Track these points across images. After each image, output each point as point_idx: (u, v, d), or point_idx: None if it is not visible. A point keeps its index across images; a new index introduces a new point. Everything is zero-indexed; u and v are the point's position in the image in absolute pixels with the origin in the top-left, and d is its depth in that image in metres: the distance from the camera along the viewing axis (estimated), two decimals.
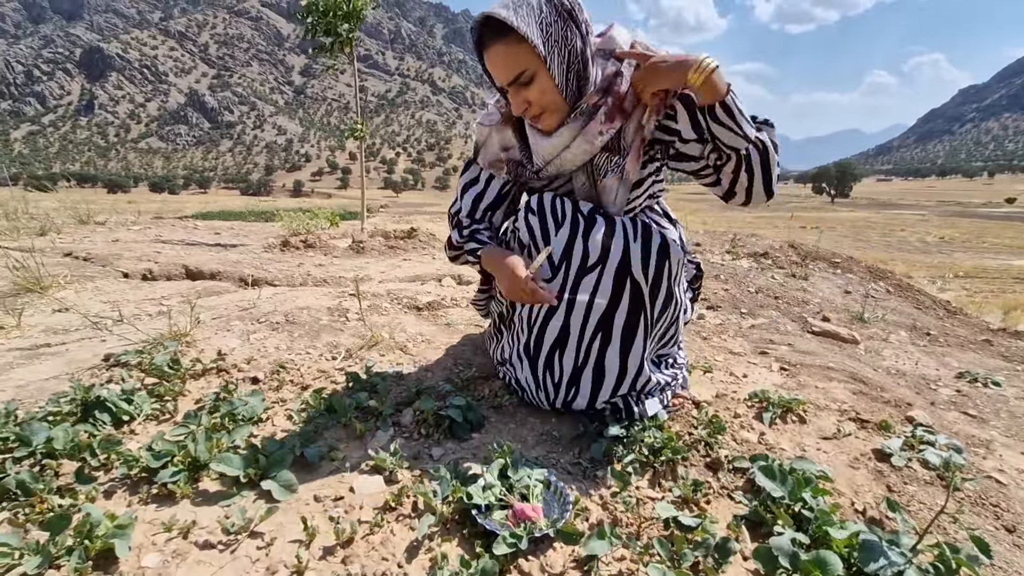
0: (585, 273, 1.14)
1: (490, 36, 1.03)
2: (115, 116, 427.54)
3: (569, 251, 1.14)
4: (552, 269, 1.16)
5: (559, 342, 1.20)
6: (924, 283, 7.85)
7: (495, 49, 1.04)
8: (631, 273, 1.12)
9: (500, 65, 1.05)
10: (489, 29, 1.03)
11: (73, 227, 4.72)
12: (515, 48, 1.02)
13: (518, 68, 1.03)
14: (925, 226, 24.35)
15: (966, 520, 1.07)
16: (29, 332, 1.86)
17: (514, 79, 1.05)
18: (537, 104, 1.08)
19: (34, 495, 0.95)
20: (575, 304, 1.16)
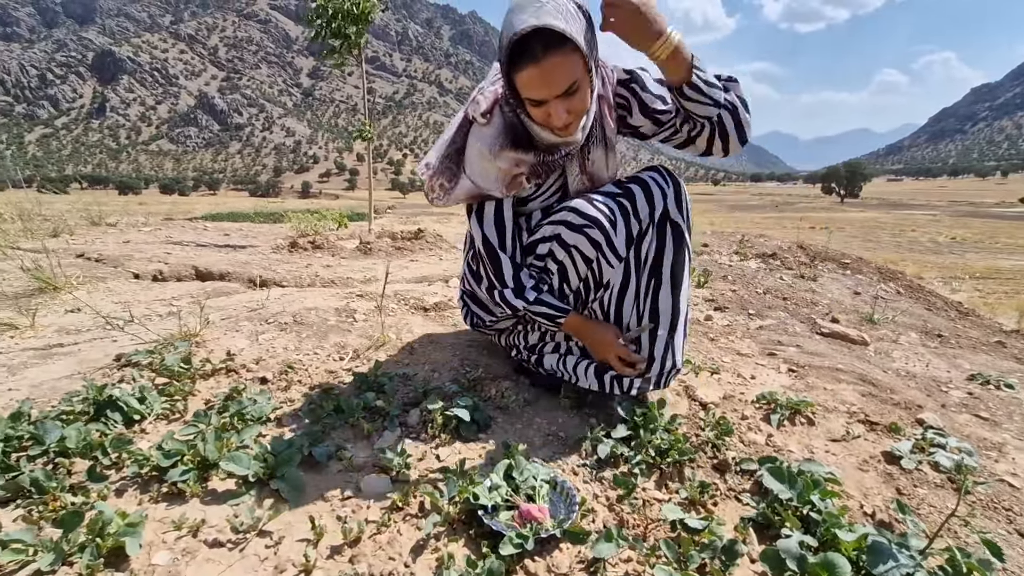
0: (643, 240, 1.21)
1: (545, 47, 0.97)
2: (126, 119, 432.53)
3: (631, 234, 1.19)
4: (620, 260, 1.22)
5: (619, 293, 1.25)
6: (935, 284, 7.76)
7: (552, 60, 0.98)
8: (670, 217, 1.20)
9: (555, 77, 1.00)
10: (542, 40, 0.97)
11: (85, 229, 4.78)
12: (571, 58, 0.99)
13: (571, 78, 1.01)
14: (936, 226, 24.07)
15: (978, 524, 1.06)
16: (43, 332, 1.88)
17: (565, 90, 1.02)
18: (575, 112, 1.07)
19: (47, 493, 0.96)
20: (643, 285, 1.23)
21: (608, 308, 1.28)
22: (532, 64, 0.99)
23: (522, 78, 1.02)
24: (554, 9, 0.97)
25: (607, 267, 1.22)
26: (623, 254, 1.21)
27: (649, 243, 1.21)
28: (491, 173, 1.18)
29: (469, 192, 1.22)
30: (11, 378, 1.49)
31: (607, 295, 1.26)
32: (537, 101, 1.04)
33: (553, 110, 1.04)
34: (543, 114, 1.06)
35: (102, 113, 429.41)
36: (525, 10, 0.97)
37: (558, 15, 0.96)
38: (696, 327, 2.21)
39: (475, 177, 1.20)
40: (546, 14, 0.96)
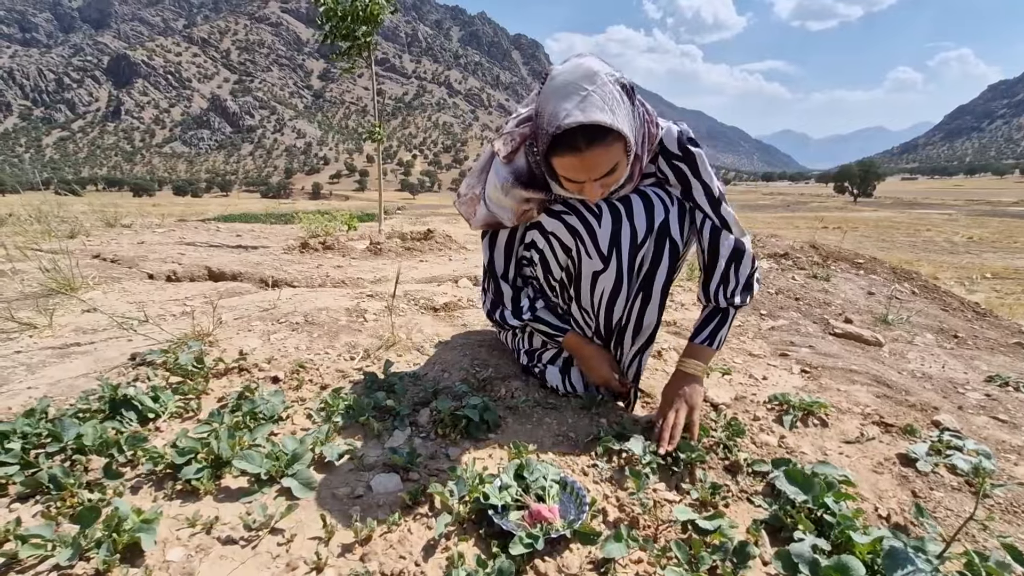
0: (637, 250, 1.20)
1: (589, 141, 0.97)
2: (140, 121, 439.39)
3: (617, 237, 1.18)
4: (602, 260, 1.20)
5: (636, 328, 1.28)
6: (951, 284, 7.63)
7: (596, 152, 0.99)
8: (670, 235, 1.19)
9: (599, 165, 1.01)
10: (586, 134, 0.97)
11: (101, 230, 4.85)
12: (613, 147, 0.99)
13: (612, 163, 1.02)
14: (952, 226, 23.68)
15: (996, 528, 1.04)
16: (60, 331, 1.92)
17: (607, 173, 1.03)
18: (609, 187, 1.09)
19: (65, 489, 0.98)
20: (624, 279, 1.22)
21: (599, 311, 1.28)
22: (574, 154, 0.99)
23: (562, 163, 1.02)
24: (600, 100, 0.96)
25: (586, 259, 1.21)
26: (605, 251, 1.19)
27: (646, 252, 1.20)
28: (504, 204, 1.21)
29: (485, 219, 1.27)
30: (30, 376, 1.51)
31: (600, 299, 1.26)
32: (574, 182, 1.06)
33: (589, 189, 1.06)
34: (576, 189, 1.09)
35: (117, 116, 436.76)
36: (569, 98, 0.96)
37: (604, 108, 0.96)
38: None
39: (491, 205, 1.24)
40: (592, 107, 0.95)
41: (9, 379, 1.49)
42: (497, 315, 1.37)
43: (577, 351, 1.34)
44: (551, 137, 0.99)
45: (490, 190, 1.22)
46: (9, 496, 0.99)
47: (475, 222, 1.30)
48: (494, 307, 1.37)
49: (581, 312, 1.32)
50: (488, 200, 1.24)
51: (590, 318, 1.31)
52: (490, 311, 1.39)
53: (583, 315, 1.32)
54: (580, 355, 1.34)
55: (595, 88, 0.96)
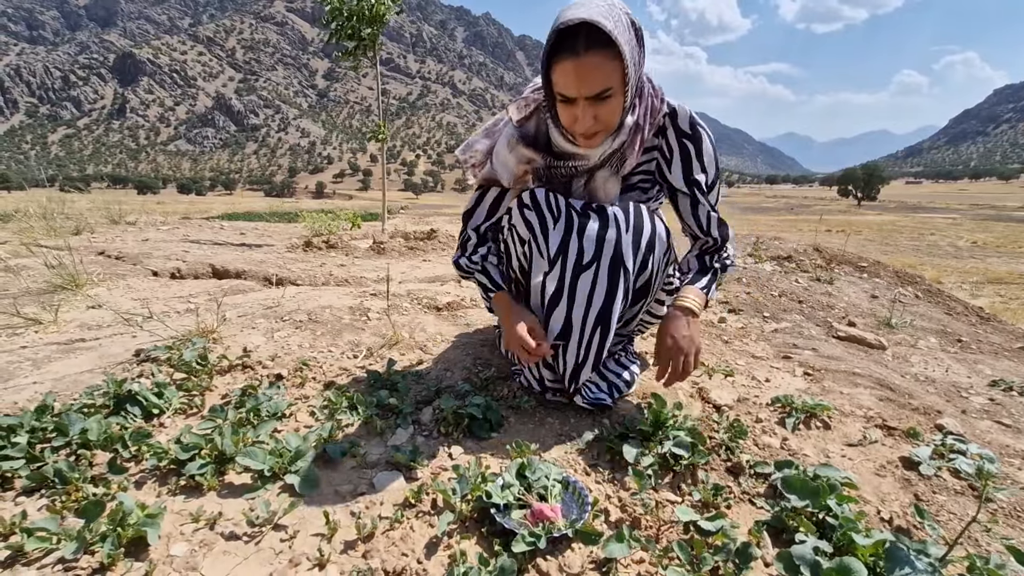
0: (582, 271, 1.16)
1: (588, 44, 0.97)
2: (145, 119, 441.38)
3: (565, 248, 1.17)
4: (549, 263, 1.18)
5: (563, 336, 1.21)
6: (955, 289, 7.60)
7: (591, 59, 0.97)
8: (624, 264, 1.16)
9: (590, 76, 0.99)
10: (587, 36, 0.97)
11: (105, 227, 4.87)
12: (610, 63, 0.98)
13: (607, 83, 1.00)
14: (957, 230, 23.59)
15: (999, 532, 1.04)
16: (65, 327, 1.93)
17: (597, 94, 1.01)
18: (602, 123, 1.06)
19: (70, 483, 0.98)
20: (575, 298, 1.18)
21: (541, 314, 1.25)
22: (571, 57, 0.98)
23: (558, 70, 1.01)
24: (607, 11, 0.98)
25: (537, 257, 1.20)
26: (551, 255, 1.17)
27: (597, 280, 1.17)
28: (507, 162, 1.21)
29: (486, 174, 1.27)
30: (35, 371, 1.52)
31: (542, 301, 1.23)
32: (567, 98, 1.03)
33: (581, 113, 1.04)
34: (570, 116, 1.06)
35: (122, 114, 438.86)
36: (577, 6, 0.98)
37: (608, 17, 0.97)
38: (710, 329, 2.20)
39: (496, 163, 1.24)
40: (596, 12, 0.96)
41: (15, 374, 1.50)
42: (454, 258, 1.37)
43: (501, 311, 1.31)
44: (553, 37, 0.98)
45: (499, 146, 1.23)
46: (15, 490, 1.00)
47: (477, 175, 1.29)
48: (458, 253, 1.37)
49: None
50: (495, 156, 1.24)
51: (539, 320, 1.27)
52: (455, 258, 1.38)
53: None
54: (502, 314, 1.30)
55: (605, 4, 0.99)
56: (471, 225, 1.35)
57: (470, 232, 1.35)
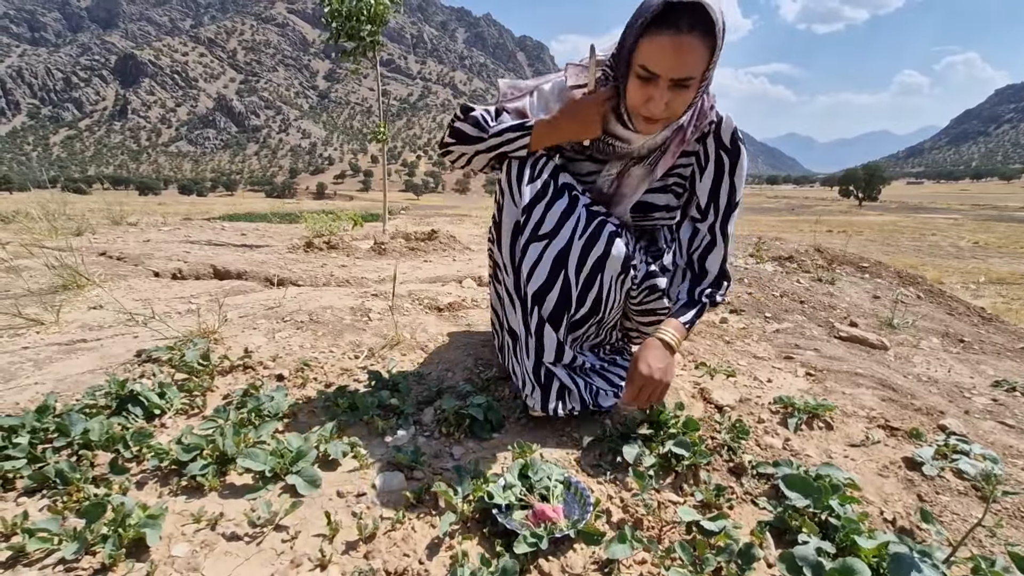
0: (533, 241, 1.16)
1: (691, 24, 0.93)
2: (147, 121, 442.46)
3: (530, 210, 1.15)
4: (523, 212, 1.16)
5: (512, 338, 1.24)
6: (957, 289, 7.59)
7: (692, 40, 0.94)
8: (566, 267, 1.16)
9: (686, 57, 0.95)
10: (692, 16, 0.93)
11: (107, 228, 4.88)
12: (704, 50, 0.95)
13: (695, 70, 0.97)
14: (958, 230, 23.55)
15: (1004, 534, 1.03)
16: (67, 328, 1.93)
17: (682, 78, 0.98)
18: (671, 110, 1.03)
19: (71, 484, 0.98)
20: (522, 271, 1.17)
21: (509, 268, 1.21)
22: (672, 33, 0.93)
23: (653, 43, 0.96)
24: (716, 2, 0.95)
25: (509, 205, 1.17)
26: (526, 203, 1.14)
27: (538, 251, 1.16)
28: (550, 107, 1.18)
29: (519, 107, 1.20)
30: (37, 372, 1.52)
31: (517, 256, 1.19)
32: (649, 75, 0.99)
33: (658, 94, 1.00)
34: (644, 94, 1.02)
35: (124, 115, 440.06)
36: None
37: (716, 5, 0.94)
38: (712, 330, 2.19)
39: (536, 102, 1.20)
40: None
41: (16, 374, 1.50)
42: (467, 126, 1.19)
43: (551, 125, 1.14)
44: (658, 9, 0.93)
45: (546, 88, 1.20)
46: (16, 490, 1.00)
47: (509, 103, 1.22)
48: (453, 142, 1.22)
49: (501, 264, 1.25)
50: (538, 95, 1.21)
51: (506, 274, 1.23)
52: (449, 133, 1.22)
53: (503, 270, 1.25)
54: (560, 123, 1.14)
55: None
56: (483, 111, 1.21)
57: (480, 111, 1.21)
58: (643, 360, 1.14)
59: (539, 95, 1.21)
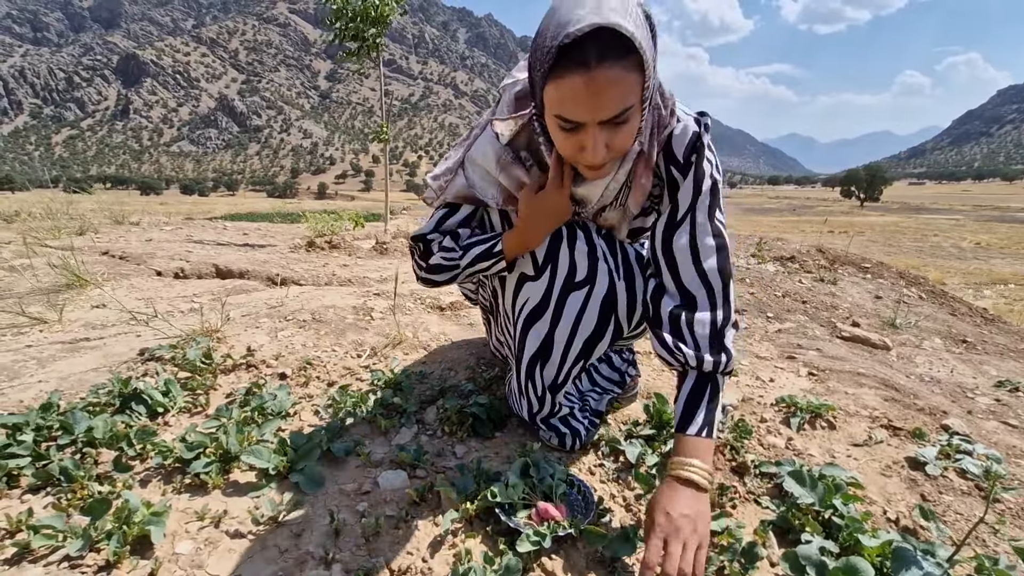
0: (572, 289, 1.02)
1: (601, 54, 0.72)
2: (149, 120, 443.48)
3: (554, 257, 1.01)
4: (535, 268, 1.03)
5: (541, 352, 1.07)
6: (959, 290, 7.58)
7: (608, 73, 0.72)
8: (616, 312, 1.04)
9: (609, 96, 0.74)
10: (599, 45, 0.71)
11: (109, 227, 4.89)
12: (630, 76, 0.74)
13: (625, 102, 0.76)
14: (960, 231, 23.52)
15: (1007, 532, 1.03)
16: (70, 326, 1.93)
17: (615, 116, 0.77)
18: (615, 150, 0.83)
19: (76, 481, 0.98)
20: (561, 318, 1.03)
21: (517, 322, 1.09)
22: (580, 72, 0.73)
23: (561, 88, 0.75)
24: (620, 7, 0.73)
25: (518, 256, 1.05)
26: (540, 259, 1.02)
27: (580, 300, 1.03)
28: (490, 180, 1.01)
29: (459, 191, 1.03)
30: (41, 370, 1.53)
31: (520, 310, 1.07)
32: (572, 124, 0.79)
33: (591, 141, 0.80)
34: (574, 145, 0.82)
35: (126, 115, 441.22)
36: (583, 5, 0.73)
37: (626, 15, 0.72)
38: None
39: (473, 175, 1.02)
40: (610, 12, 0.71)
41: (20, 372, 1.51)
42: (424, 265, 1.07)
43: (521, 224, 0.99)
44: (554, 51, 0.73)
45: (478, 155, 1.00)
46: (21, 487, 1.00)
47: (446, 195, 1.05)
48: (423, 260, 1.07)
49: (504, 315, 1.15)
50: (471, 167, 1.01)
51: (509, 327, 1.13)
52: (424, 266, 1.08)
53: (504, 319, 1.15)
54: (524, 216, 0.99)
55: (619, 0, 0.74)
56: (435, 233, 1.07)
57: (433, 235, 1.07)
58: (661, 508, 0.83)
59: (472, 167, 1.02)
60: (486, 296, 1.26)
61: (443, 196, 1.05)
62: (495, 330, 1.29)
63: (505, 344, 1.23)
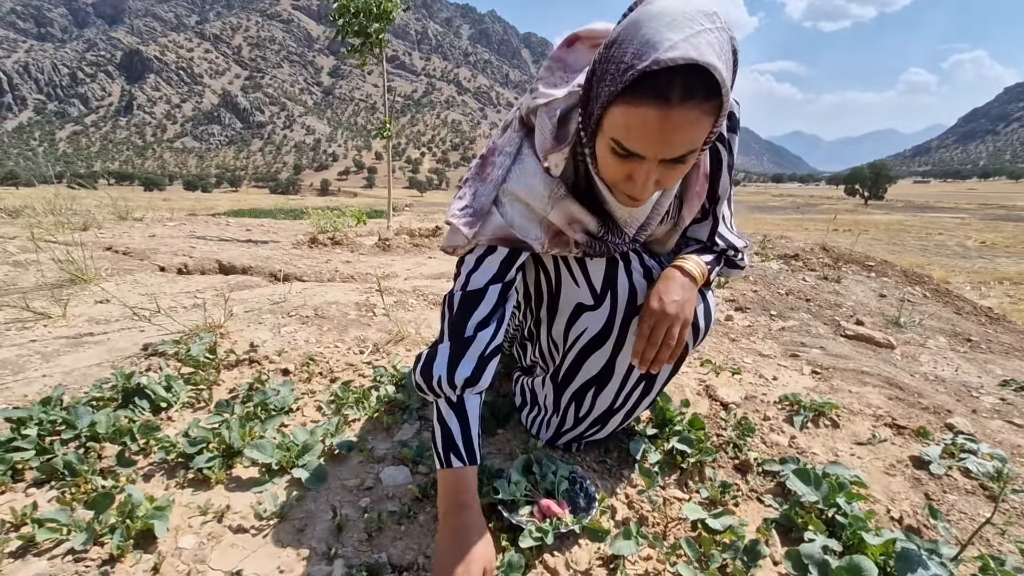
0: (635, 313, 0.94)
1: (686, 94, 0.64)
2: (152, 116, 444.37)
3: (612, 282, 0.94)
4: (594, 297, 0.95)
5: (598, 379, 1.01)
6: (964, 289, 7.54)
7: (687, 115, 0.66)
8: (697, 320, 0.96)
9: (681, 137, 0.68)
10: (686, 82, 0.64)
11: (113, 223, 4.90)
12: (706, 119, 0.68)
13: (693, 144, 0.70)
14: (965, 230, 23.39)
15: (1013, 533, 1.03)
16: (74, 321, 1.94)
17: (678, 157, 0.71)
18: (663, 185, 0.77)
19: (79, 475, 0.99)
20: (625, 343, 0.96)
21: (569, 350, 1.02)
22: (659, 106, 0.65)
23: (631, 116, 0.68)
24: (717, 43, 0.65)
25: (570, 284, 0.97)
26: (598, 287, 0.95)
27: None
28: (535, 217, 0.88)
29: (496, 231, 0.88)
30: (45, 365, 1.53)
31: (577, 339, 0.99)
32: (629, 154, 0.72)
33: (643, 176, 0.73)
34: (623, 172, 0.75)
35: (129, 111, 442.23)
36: (676, 27, 0.64)
37: (720, 55, 0.65)
38: (717, 327, 2.19)
39: (512, 214, 0.88)
40: (707, 46, 0.63)
41: (24, 367, 1.51)
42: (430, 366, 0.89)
43: (446, 502, 0.86)
44: (635, 74, 0.65)
45: (519, 189, 0.87)
46: (25, 481, 1.01)
47: (480, 236, 0.89)
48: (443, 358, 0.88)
49: (549, 342, 1.07)
50: (510, 203, 0.88)
51: (555, 354, 1.06)
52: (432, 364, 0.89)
53: (549, 346, 1.07)
54: (442, 515, 0.85)
55: (713, 28, 0.65)
56: (475, 317, 0.89)
57: (472, 325, 0.89)
58: (654, 294, 0.90)
59: (511, 204, 0.88)
60: (515, 325, 1.19)
61: (476, 239, 0.89)
62: (530, 352, 1.19)
63: (539, 364, 1.17)
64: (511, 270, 0.91)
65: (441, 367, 0.87)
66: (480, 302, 0.89)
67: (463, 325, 0.89)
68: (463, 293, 0.90)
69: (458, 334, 0.89)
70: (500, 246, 0.89)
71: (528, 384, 1.20)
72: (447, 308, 0.92)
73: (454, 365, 0.87)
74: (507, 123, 0.92)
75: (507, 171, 0.89)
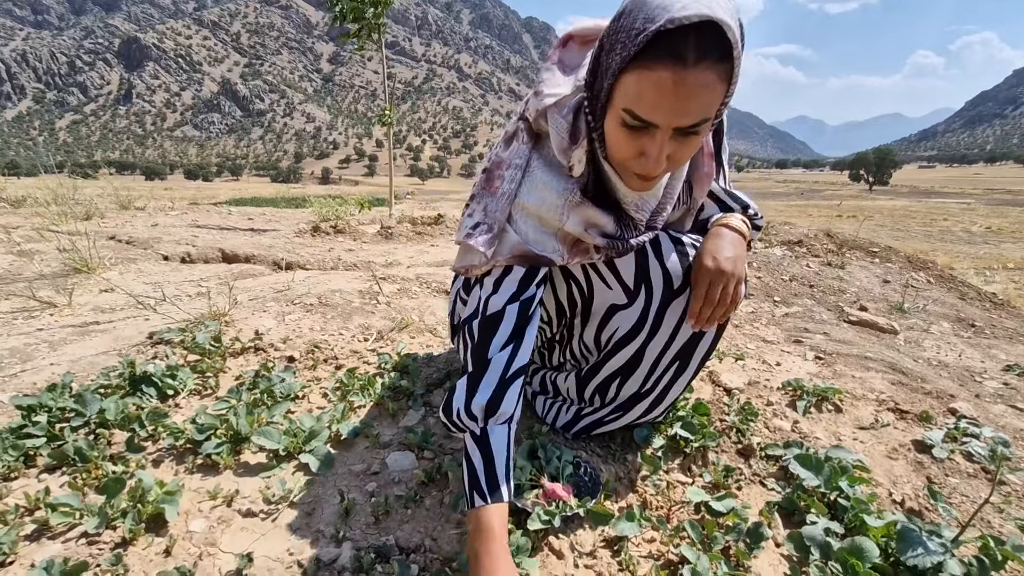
0: (673, 298, 0.92)
1: (701, 54, 0.63)
2: (152, 105, 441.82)
3: (646, 275, 0.92)
4: (628, 294, 0.93)
5: (624, 369, 1.00)
6: (968, 275, 7.51)
7: (702, 77, 0.64)
8: None
9: (696, 102, 0.66)
10: (700, 42, 0.62)
11: (115, 212, 4.90)
12: (719, 85, 0.66)
13: (707, 111, 0.68)
14: (970, 215, 23.22)
15: (1012, 513, 1.04)
16: (80, 310, 1.95)
17: (692, 125, 0.69)
18: (673, 163, 0.74)
19: (90, 461, 1.00)
20: (657, 333, 0.94)
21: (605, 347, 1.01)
22: (675, 67, 0.63)
23: (645, 80, 0.66)
24: (727, 3, 0.64)
25: (602, 288, 0.96)
26: (631, 285, 0.93)
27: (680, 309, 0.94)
28: (550, 229, 0.85)
29: (513, 248, 0.85)
30: (52, 353, 1.55)
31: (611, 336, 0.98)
32: (643, 124, 0.69)
33: (656, 148, 0.71)
34: (634, 148, 0.73)
35: (128, 100, 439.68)
36: None
37: (733, 16, 0.64)
38: None
39: (526, 229, 0.85)
40: (719, 6, 0.62)
41: (32, 355, 1.53)
42: (456, 403, 0.85)
43: (478, 547, 0.76)
44: (649, 35, 0.63)
45: (531, 202, 0.83)
46: (37, 467, 1.02)
47: (497, 257, 0.85)
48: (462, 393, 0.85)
49: (580, 346, 1.07)
50: (522, 218, 0.85)
51: (588, 356, 1.06)
52: (458, 402, 0.85)
53: (581, 349, 1.07)
54: (471, 567, 0.76)
55: None
56: (496, 341, 0.85)
57: (494, 348, 0.85)
58: (707, 252, 0.89)
59: (524, 218, 0.85)
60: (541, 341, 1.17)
61: (493, 259, 0.84)
62: (557, 354, 1.18)
63: (568, 363, 1.16)
64: (530, 287, 0.87)
65: (460, 399, 0.84)
66: (500, 324, 0.85)
67: (485, 350, 0.85)
68: (482, 319, 0.86)
69: (480, 360, 0.85)
70: (517, 265, 0.86)
71: (551, 377, 1.20)
72: (467, 337, 0.88)
73: (471, 393, 0.84)
74: (509, 134, 0.89)
75: (519, 184, 0.85)
